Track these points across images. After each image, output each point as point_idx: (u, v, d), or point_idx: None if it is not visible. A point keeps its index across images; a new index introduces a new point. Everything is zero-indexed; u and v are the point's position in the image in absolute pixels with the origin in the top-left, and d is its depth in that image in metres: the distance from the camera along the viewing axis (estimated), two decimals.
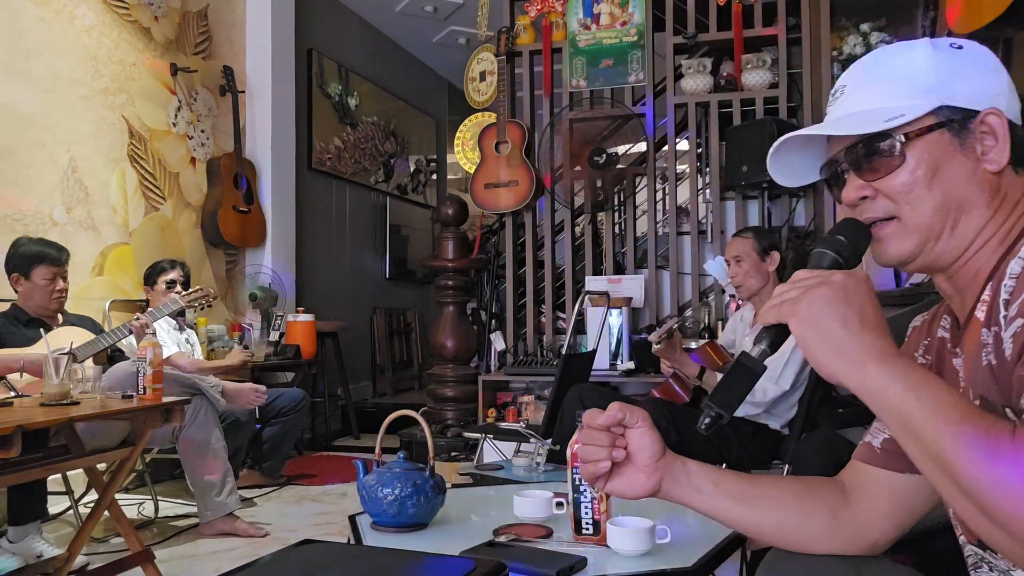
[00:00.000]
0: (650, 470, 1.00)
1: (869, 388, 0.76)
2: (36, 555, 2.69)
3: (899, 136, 0.86)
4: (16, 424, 1.88)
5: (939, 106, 0.86)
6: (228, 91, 4.87)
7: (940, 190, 0.86)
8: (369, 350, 6.64)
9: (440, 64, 7.95)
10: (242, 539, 3.05)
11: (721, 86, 4.36)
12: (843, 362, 0.77)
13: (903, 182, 0.86)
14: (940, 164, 0.86)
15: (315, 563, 1.26)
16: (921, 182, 0.86)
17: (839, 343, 0.77)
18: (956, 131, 0.86)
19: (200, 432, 3.10)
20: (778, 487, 1.02)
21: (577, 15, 4.61)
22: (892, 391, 0.74)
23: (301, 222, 5.54)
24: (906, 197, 0.87)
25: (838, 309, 0.78)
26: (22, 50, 3.62)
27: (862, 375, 0.76)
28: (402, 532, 1.68)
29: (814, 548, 0.97)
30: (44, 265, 2.98)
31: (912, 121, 0.86)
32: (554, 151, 4.48)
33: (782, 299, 0.82)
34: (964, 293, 0.90)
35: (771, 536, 1.00)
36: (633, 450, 1.00)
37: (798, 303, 0.80)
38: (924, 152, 0.86)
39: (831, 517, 0.98)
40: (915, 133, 0.86)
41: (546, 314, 4.65)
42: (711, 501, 1.01)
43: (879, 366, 0.75)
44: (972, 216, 0.86)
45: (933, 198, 0.86)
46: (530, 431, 2.92)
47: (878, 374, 0.75)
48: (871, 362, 0.76)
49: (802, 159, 0.99)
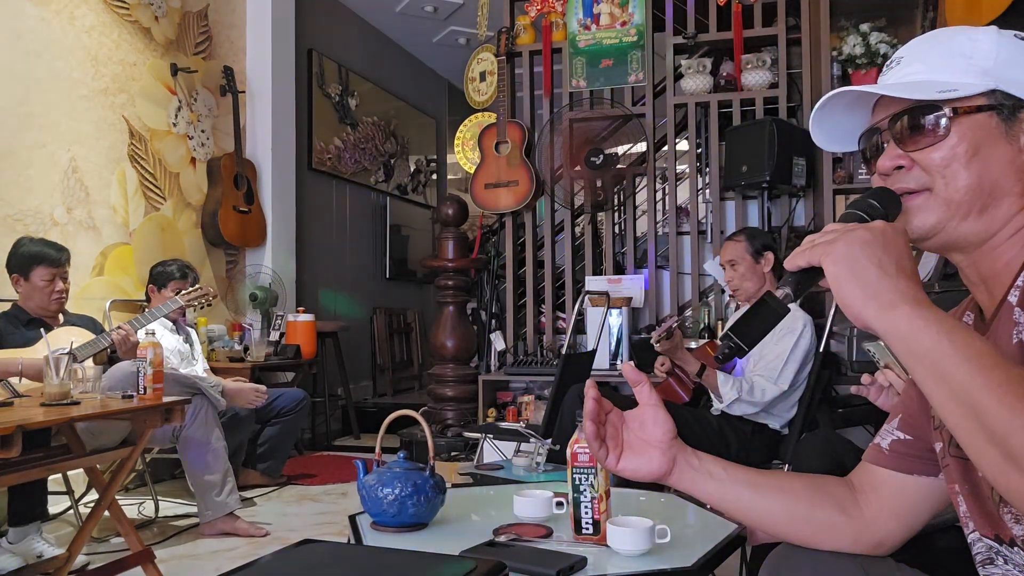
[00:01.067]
0: (665, 447, 0.99)
1: (900, 329, 0.74)
2: (36, 555, 2.69)
3: (948, 110, 0.85)
4: (16, 424, 1.89)
5: (993, 89, 0.85)
6: (228, 91, 4.87)
7: (977, 170, 0.85)
8: (369, 350, 6.64)
9: (440, 64, 7.95)
10: (242, 539, 3.05)
11: (721, 86, 4.36)
12: (875, 303, 0.75)
13: (942, 156, 0.85)
14: (982, 145, 0.85)
15: (315, 563, 1.26)
16: (960, 159, 0.85)
17: (874, 284, 0.75)
18: (1005, 117, 0.85)
19: (200, 432, 3.10)
20: (788, 479, 1.04)
21: (577, 15, 4.61)
22: (925, 334, 0.72)
23: (301, 222, 5.54)
24: (942, 171, 0.86)
25: (875, 252, 0.76)
26: (22, 50, 3.62)
27: (895, 316, 0.74)
28: (402, 532, 1.68)
29: (820, 542, 0.98)
30: (43, 266, 2.98)
31: (964, 97, 0.85)
32: (553, 151, 4.48)
33: (814, 243, 0.80)
34: (991, 283, 0.89)
35: (780, 527, 1.00)
36: (648, 425, 1.00)
37: (834, 244, 0.78)
38: (969, 131, 0.85)
39: (839, 512, 0.98)
40: (964, 110, 0.85)
41: (546, 314, 4.65)
42: (723, 487, 1.00)
43: (913, 308, 0.74)
44: (1004, 203, 0.85)
45: (968, 177, 0.85)
46: (530, 431, 2.92)
47: (911, 316, 0.73)
48: (904, 304, 0.74)
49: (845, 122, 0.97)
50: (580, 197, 4.55)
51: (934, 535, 1.07)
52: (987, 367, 0.69)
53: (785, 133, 3.83)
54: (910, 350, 0.74)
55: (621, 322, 4.10)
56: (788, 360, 2.66)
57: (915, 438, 0.99)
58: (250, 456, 3.86)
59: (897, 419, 1.02)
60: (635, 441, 1.00)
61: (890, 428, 1.02)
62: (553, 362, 4.24)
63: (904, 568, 0.96)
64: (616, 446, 1.00)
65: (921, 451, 0.98)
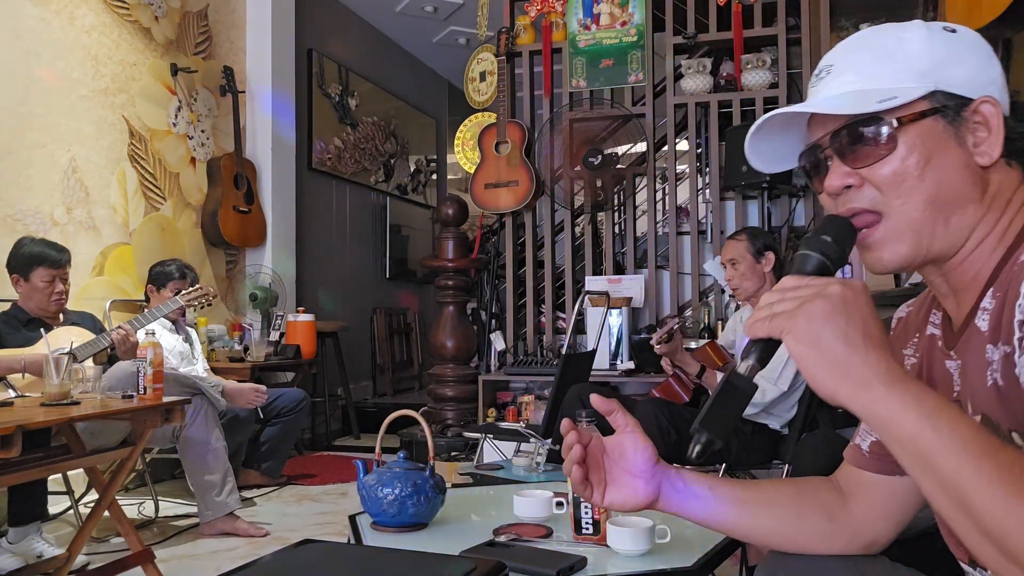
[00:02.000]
0: (648, 475, 0.97)
1: (878, 414, 0.69)
2: (36, 555, 2.69)
3: (891, 120, 0.80)
4: (16, 424, 1.89)
5: (933, 91, 0.80)
6: (228, 91, 4.87)
7: (932, 181, 0.80)
8: (369, 350, 6.64)
9: (440, 64, 7.95)
10: (242, 539, 3.05)
11: (721, 86, 4.36)
12: (848, 384, 0.70)
13: (893, 170, 0.80)
14: (932, 153, 0.80)
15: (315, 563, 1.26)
16: (912, 171, 0.80)
17: (843, 363, 0.70)
18: (950, 119, 0.80)
19: (200, 432, 3.10)
20: (774, 491, 1.01)
21: (577, 15, 4.61)
22: (905, 419, 0.68)
23: (301, 222, 5.54)
24: (896, 188, 0.80)
25: (839, 325, 0.71)
26: (22, 50, 3.62)
27: (870, 399, 0.69)
28: (402, 532, 1.68)
29: (813, 550, 0.97)
30: (43, 267, 2.98)
31: (905, 104, 0.80)
32: (554, 151, 4.48)
33: (773, 312, 0.74)
34: (960, 293, 0.85)
35: (770, 540, 0.99)
36: (628, 454, 0.97)
37: (794, 318, 0.72)
38: (917, 139, 0.80)
39: (828, 520, 0.97)
40: (908, 118, 0.80)
41: (546, 314, 4.65)
42: (709, 507, 0.98)
43: (888, 390, 0.69)
44: (966, 212, 0.81)
45: (925, 190, 0.80)
46: (530, 431, 2.93)
47: (888, 399, 0.68)
48: (879, 385, 0.69)
49: (782, 143, 0.91)
50: (580, 197, 4.55)
51: (932, 535, 1.06)
52: (975, 457, 0.65)
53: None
54: (892, 436, 0.70)
55: (621, 322, 4.10)
56: (788, 361, 2.66)
57: None
58: (250, 456, 3.86)
59: None
60: (618, 472, 0.98)
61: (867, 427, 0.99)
62: (553, 362, 4.24)
63: (900, 568, 0.95)
64: (600, 480, 0.97)
65: None
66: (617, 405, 0.97)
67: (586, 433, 0.97)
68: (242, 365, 4.31)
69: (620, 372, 4.05)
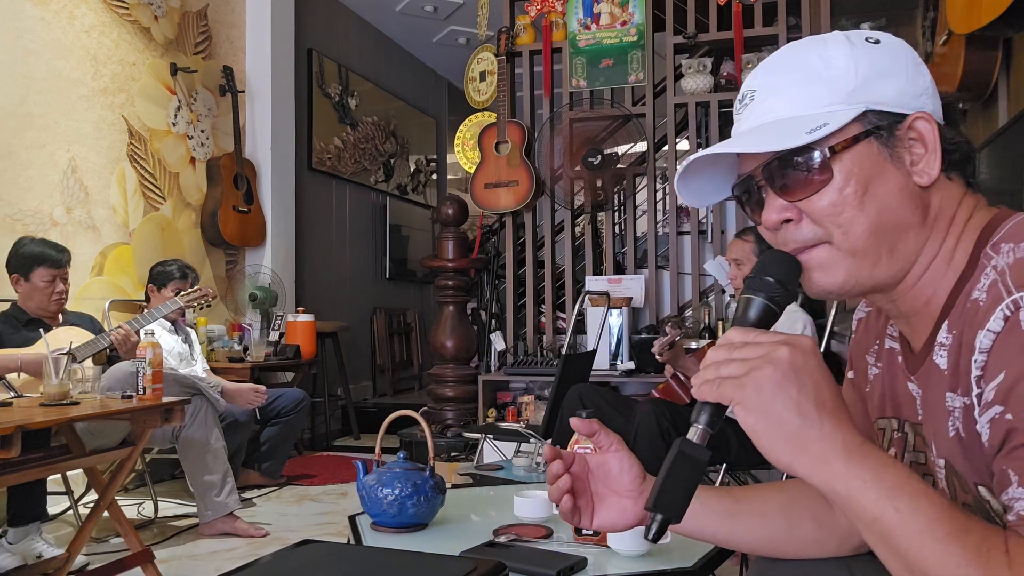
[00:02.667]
0: (636, 494, 0.95)
1: (837, 491, 0.67)
2: (36, 555, 2.69)
3: (824, 149, 0.76)
4: (16, 424, 1.88)
5: (864, 111, 0.76)
6: (228, 91, 4.86)
7: (873, 209, 0.76)
8: (369, 350, 6.64)
9: (440, 64, 7.95)
10: (242, 539, 3.05)
11: (721, 86, 4.36)
12: (804, 458, 0.67)
13: (831, 202, 0.76)
14: (871, 179, 0.76)
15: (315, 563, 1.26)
16: (851, 201, 0.76)
17: (797, 436, 0.67)
18: (884, 139, 0.76)
19: (200, 432, 3.10)
20: (762, 500, 1.00)
21: (577, 15, 4.60)
22: (865, 498, 0.66)
23: (301, 222, 5.54)
24: (835, 220, 0.76)
25: (790, 395, 0.67)
26: (22, 50, 3.62)
27: (827, 475, 0.67)
28: (402, 532, 1.68)
29: (805, 556, 0.97)
30: (44, 267, 2.98)
31: (837, 131, 0.75)
32: (553, 151, 4.47)
33: (720, 376, 0.71)
34: (912, 318, 0.83)
35: (761, 550, 0.99)
36: (614, 474, 0.95)
37: (743, 388, 0.69)
38: (853, 166, 0.76)
39: (818, 526, 0.96)
40: (841, 145, 0.76)
41: (546, 314, 4.65)
42: (699, 522, 0.96)
43: (846, 465, 0.66)
44: (909, 237, 0.77)
45: (866, 219, 0.76)
46: (530, 431, 2.93)
47: (846, 476, 0.66)
48: (836, 460, 0.66)
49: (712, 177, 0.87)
50: (580, 197, 4.55)
51: None
52: (940, 540, 0.63)
53: None
54: (854, 515, 0.67)
55: (621, 322, 4.10)
56: None
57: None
58: (250, 456, 3.86)
59: None
60: (605, 493, 0.96)
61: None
62: (553, 362, 4.24)
63: None
64: (587, 504, 0.95)
65: None
66: (599, 425, 0.95)
67: (568, 456, 0.95)
68: (242, 365, 4.31)
69: (620, 372, 4.04)
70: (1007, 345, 0.68)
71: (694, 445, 0.73)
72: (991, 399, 0.69)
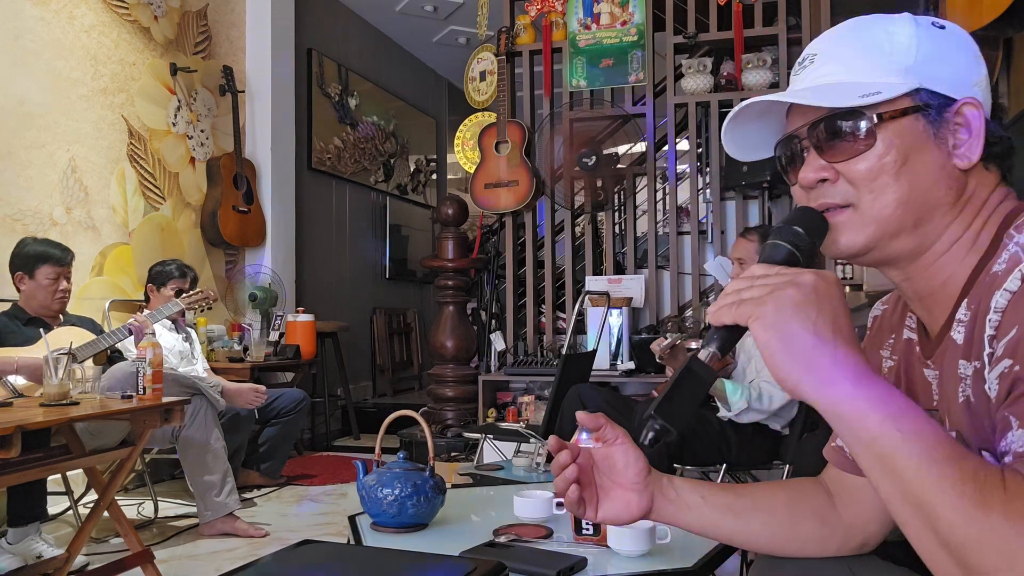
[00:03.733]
0: (640, 487, 0.95)
1: (840, 412, 0.68)
2: (36, 555, 2.69)
3: (872, 115, 0.78)
4: (16, 424, 1.88)
5: (917, 88, 0.78)
6: (228, 91, 4.86)
7: (907, 181, 0.78)
8: (369, 350, 6.64)
9: (440, 64, 7.95)
10: (242, 539, 3.05)
11: (721, 86, 4.35)
12: (812, 378, 0.68)
13: (869, 167, 0.78)
14: (911, 152, 0.78)
15: (315, 563, 1.26)
16: (889, 169, 0.78)
17: (809, 355, 0.68)
18: (932, 118, 0.78)
19: (200, 432, 3.10)
20: (767, 497, 1.00)
21: (577, 15, 4.60)
22: (869, 419, 0.66)
23: (301, 222, 5.54)
24: (869, 184, 0.79)
25: (809, 315, 0.69)
26: (22, 50, 3.62)
27: (833, 396, 0.68)
28: (402, 532, 1.68)
29: (807, 555, 0.97)
30: (48, 265, 3.00)
31: (887, 101, 0.78)
32: (553, 151, 4.47)
33: (740, 297, 0.72)
34: (928, 300, 0.84)
35: (764, 547, 0.99)
36: (619, 467, 0.95)
37: (763, 304, 0.70)
38: (896, 137, 0.78)
39: (820, 524, 0.96)
40: (889, 115, 0.78)
41: (546, 314, 4.65)
42: (702, 517, 0.97)
43: (854, 388, 0.67)
44: (936, 215, 0.79)
45: (898, 189, 0.78)
46: (530, 431, 2.92)
47: (853, 398, 0.67)
48: (844, 381, 0.67)
49: (758, 130, 0.89)
50: (580, 197, 4.55)
51: None
52: (939, 462, 0.64)
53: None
54: (854, 436, 0.68)
55: (621, 322, 4.10)
56: None
57: None
58: (250, 456, 3.86)
59: None
60: (609, 486, 0.96)
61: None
62: (553, 362, 4.24)
63: (891, 567, 0.95)
64: (592, 496, 0.96)
65: None
66: (604, 419, 0.96)
67: (574, 447, 0.95)
68: (242, 365, 4.31)
69: (620, 372, 4.04)
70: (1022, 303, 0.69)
71: (703, 364, 0.75)
72: (1000, 354, 0.70)
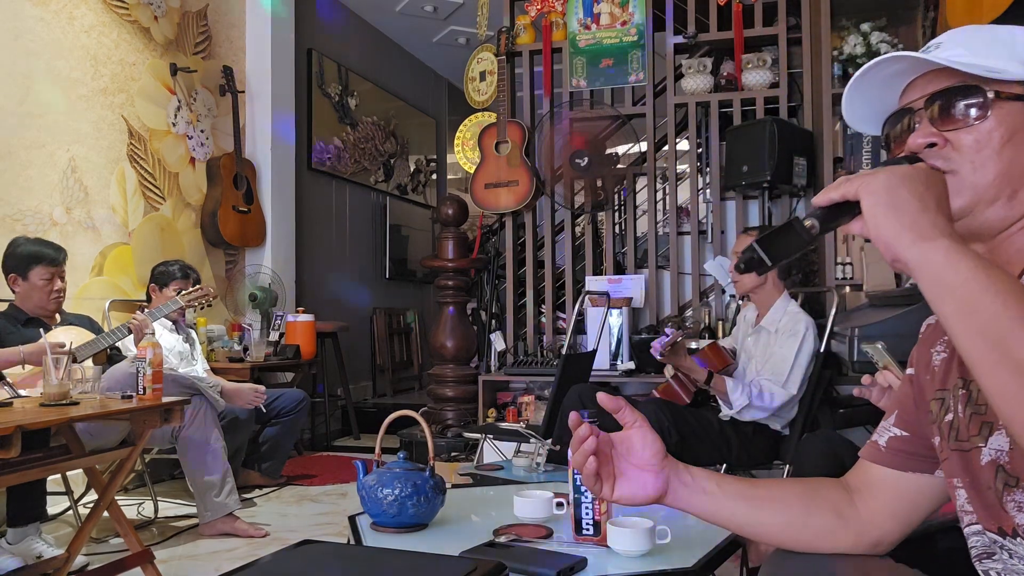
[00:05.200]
0: (656, 469, 0.97)
1: (935, 261, 0.72)
2: (36, 555, 2.69)
3: (991, 91, 0.84)
4: (16, 424, 1.88)
5: None
6: (228, 91, 4.86)
7: (1008, 157, 0.84)
8: (369, 350, 6.64)
9: (440, 64, 7.95)
10: (242, 539, 3.05)
11: (721, 86, 4.35)
12: (911, 234, 0.74)
13: (977, 139, 0.84)
14: (1016, 132, 0.84)
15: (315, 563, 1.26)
16: (994, 143, 0.84)
17: (913, 216, 0.74)
18: None
19: (200, 432, 3.10)
20: (781, 488, 1.02)
21: (577, 15, 4.60)
22: (961, 265, 0.71)
23: (301, 222, 5.54)
24: (975, 155, 0.84)
25: (917, 187, 0.76)
26: (22, 50, 3.62)
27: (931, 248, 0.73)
28: (402, 532, 1.68)
29: (819, 548, 0.97)
30: (41, 265, 2.99)
31: (1006, 82, 0.84)
32: (554, 150, 4.47)
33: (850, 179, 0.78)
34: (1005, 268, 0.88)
35: (777, 537, 0.99)
36: (636, 449, 0.98)
37: (875, 176, 0.77)
38: (1007, 116, 0.84)
39: (836, 516, 0.97)
40: (1006, 95, 0.84)
41: (546, 314, 4.65)
42: (717, 503, 0.99)
43: (950, 242, 0.73)
44: None
45: (1000, 163, 0.84)
46: (530, 431, 2.92)
47: (948, 249, 0.72)
48: (943, 238, 0.73)
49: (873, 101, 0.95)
50: (580, 197, 4.54)
51: (935, 535, 1.06)
52: (1020, 300, 0.69)
53: (786, 133, 3.82)
54: (942, 282, 0.72)
55: (621, 322, 4.10)
56: (794, 365, 2.66)
57: (912, 434, 0.98)
58: (250, 456, 3.86)
59: (894, 415, 1.01)
60: (626, 467, 0.98)
61: (887, 425, 1.01)
62: (553, 362, 4.24)
63: (903, 569, 0.95)
64: (608, 475, 0.98)
65: (919, 448, 0.97)
66: (624, 402, 0.98)
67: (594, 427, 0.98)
68: (242, 365, 4.31)
69: (620, 372, 4.04)
70: None
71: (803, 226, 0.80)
72: None
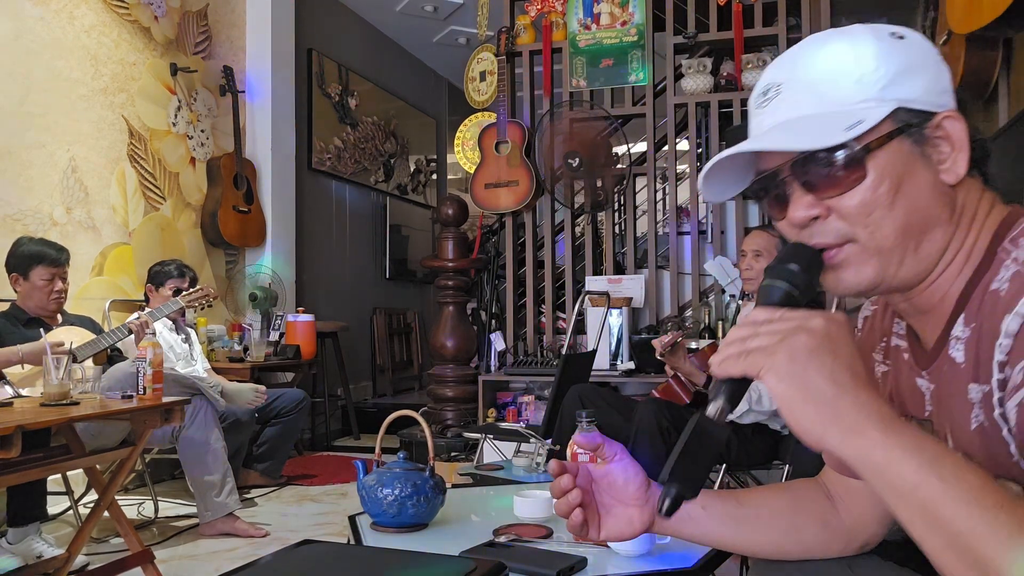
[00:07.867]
0: (641, 502, 0.94)
1: (874, 460, 0.63)
2: (36, 555, 2.69)
3: (859, 147, 0.74)
4: (16, 424, 1.88)
5: (896, 108, 0.74)
6: (228, 91, 4.86)
7: (903, 209, 0.74)
8: (369, 350, 6.64)
9: (440, 64, 7.95)
10: (242, 539, 3.05)
11: (721, 86, 4.35)
12: (837, 428, 0.64)
13: (862, 201, 0.74)
14: (903, 178, 0.74)
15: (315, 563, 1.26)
16: (883, 201, 0.74)
17: (831, 404, 0.64)
18: (915, 138, 0.75)
19: (200, 432, 3.10)
20: (767, 503, 0.99)
21: (577, 15, 4.60)
22: (906, 467, 0.62)
23: (301, 222, 5.54)
24: (864, 219, 0.75)
25: (824, 362, 0.65)
26: (22, 50, 3.62)
27: (863, 444, 0.64)
28: (402, 532, 1.68)
29: (810, 558, 0.97)
30: (43, 265, 2.99)
31: (871, 129, 0.73)
32: (553, 150, 4.47)
33: (746, 347, 0.68)
34: (926, 314, 0.82)
35: (767, 554, 0.98)
36: (619, 484, 0.94)
37: (774, 355, 0.66)
38: (887, 165, 0.74)
39: (823, 527, 0.96)
40: (876, 143, 0.74)
41: (546, 314, 4.65)
42: (705, 528, 0.97)
43: (884, 435, 0.63)
44: (935, 235, 0.76)
45: (895, 219, 0.74)
46: (530, 431, 2.92)
47: (885, 445, 0.63)
48: (873, 429, 0.64)
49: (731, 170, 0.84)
50: (580, 197, 4.54)
51: None
52: (990, 509, 0.60)
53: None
54: (889, 485, 0.63)
55: (621, 322, 4.10)
56: None
57: None
58: (250, 456, 3.86)
59: None
60: (610, 503, 0.95)
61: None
62: (553, 362, 4.24)
63: (892, 566, 0.95)
64: (593, 515, 0.94)
65: None
66: (601, 438, 0.95)
67: (573, 467, 0.94)
68: (242, 365, 4.31)
69: (620, 372, 4.04)
70: None
71: (712, 421, 0.71)
72: (1019, 382, 0.67)
